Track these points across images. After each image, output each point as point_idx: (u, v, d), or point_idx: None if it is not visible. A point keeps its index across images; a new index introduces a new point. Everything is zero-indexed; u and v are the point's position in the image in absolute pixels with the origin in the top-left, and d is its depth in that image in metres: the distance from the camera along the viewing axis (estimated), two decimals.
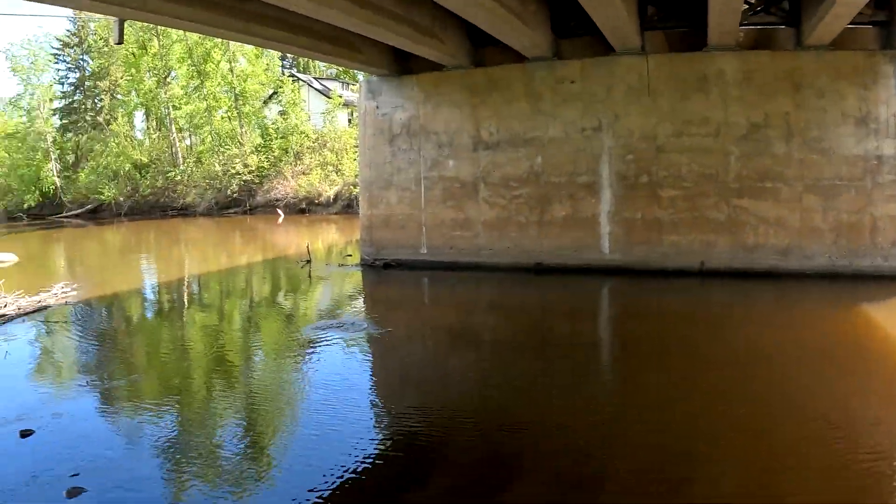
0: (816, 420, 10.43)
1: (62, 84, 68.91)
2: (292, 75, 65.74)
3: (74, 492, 8.53)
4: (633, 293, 21.33)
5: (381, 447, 10.20)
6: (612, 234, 22.99)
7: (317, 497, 8.60)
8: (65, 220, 55.92)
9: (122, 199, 58.51)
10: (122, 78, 64.02)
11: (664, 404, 11.61)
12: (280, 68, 71.09)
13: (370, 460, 9.64)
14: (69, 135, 66.60)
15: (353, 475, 9.18)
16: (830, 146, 20.26)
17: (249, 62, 60.69)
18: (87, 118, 65.62)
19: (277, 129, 57.66)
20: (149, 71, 61.07)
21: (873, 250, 19.73)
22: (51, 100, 67.12)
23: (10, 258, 30.56)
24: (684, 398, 11.89)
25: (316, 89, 64.77)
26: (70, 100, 68.62)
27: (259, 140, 57.19)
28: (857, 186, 19.97)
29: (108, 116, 64.93)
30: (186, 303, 22.17)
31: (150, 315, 20.62)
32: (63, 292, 20.79)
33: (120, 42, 24.22)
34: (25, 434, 10.27)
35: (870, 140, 19.80)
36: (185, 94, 60.33)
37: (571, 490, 8.79)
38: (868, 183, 19.76)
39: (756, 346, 14.37)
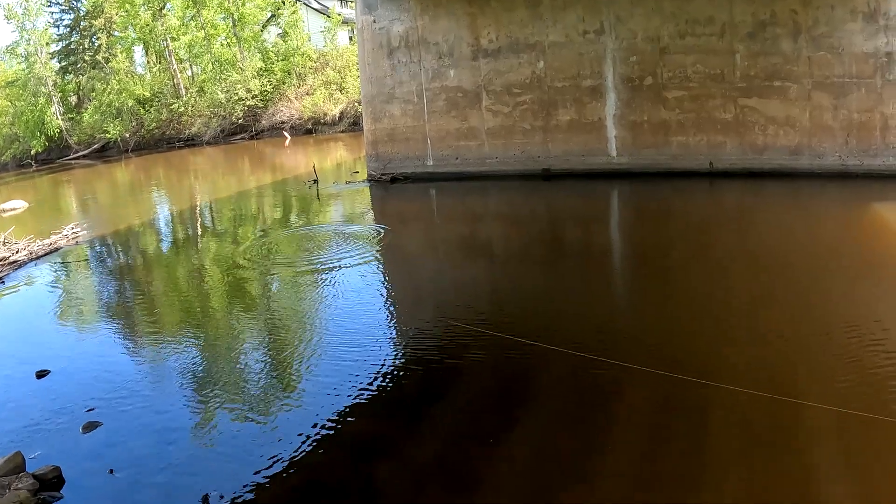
0: (831, 321, 10.37)
1: (57, 27, 67.87)
2: None
3: (90, 426, 8.63)
4: (643, 196, 21.18)
5: (399, 363, 10.27)
6: (618, 138, 22.80)
7: (338, 415, 8.71)
8: (73, 162, 55.81)
9: (127, 135, 58.15)
10: (116, 14, 63.04)
11: (679, 308, 11.61)
12: None
13: (389, 377, 9.72)
14: (69, 77, 65.90)
15: (373, 392, 9.29)
16: (839, 43, 19.65)
17: None
18: (86, 58, 64.76)
19: (278, 51, 56.96)
20: (143, 4, 60.12)
21: (885, 149, 19.35)
22: (47, 44, 66.19)
23: (20, 205, 30.62)
24: (699, 298, 11.87)
25: (314, 9, 63.74)
26: (67, 41, 67.68)
27: (260, 64, 56.49)
28: (867, 84, 19.44)
29: (106, 54, 64.06)
30: (199, 231, 22.20)
31: (163, 247, 20.65)
32: (74, 233, 20.81)
33: None
34: (41, 374, 10.38)
35: (879, 37, 19.18)
36: (183, 25, 59.40)
37: (584, 406, 8.80)
38: (878, 81, 19.25)
39: (769, 248, 14.25)
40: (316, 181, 27.28)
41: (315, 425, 8.45)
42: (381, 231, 18.52)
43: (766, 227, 16.00)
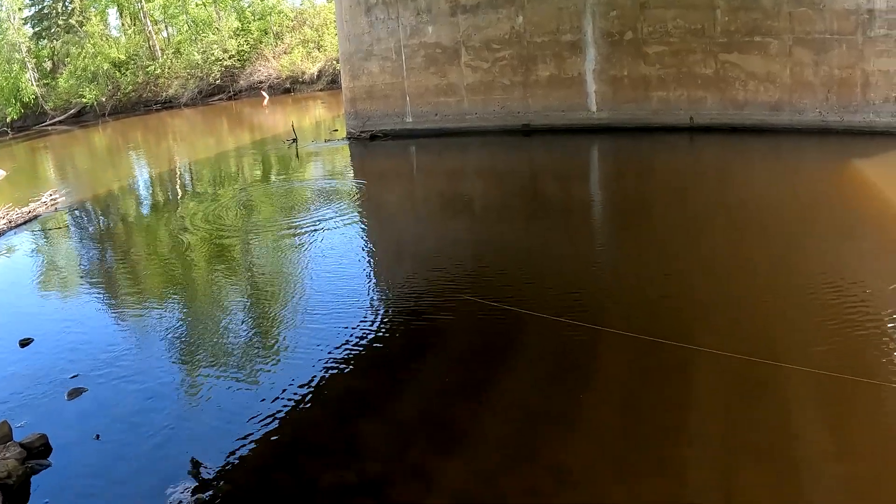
0: (809, 276, 10.44)
1: None
2: None
3: (75, 393, 8.65)
4: (623, 151, 21.22)
5: (380, 322, 10.32)
6: (598, 93, 22.81)
7: (322, 374, 8.79)
8: (49, 128, 55.27)
9: (104, 99, 57.56)
10: None
11: (658, 261, 11.67)
12: None
13: (371, 335, 9.78)
14: (43, 42, 65.08)
15: (356, 350, 9.36)
16: None
17: None
18: (60, 22, 63.93)
19: (254, 11, 56.41)
20: None
21: (865, 106, 19.32)
22: (20, 9, 65.30)
23: None
24: (680, 256, 11.92)
25: None
26: (39, 6, 66.69)
27: (237, 24, 55.91)
28: (848, 41, 19.31)
29: (80, 18, 63.22)
30: (179, 193, 22.11)
31: (143, 210, 20.56)
32: (52, 200, 20.66)
33: None
34: (25, 343, 10.37)
35: None
36: None
37: (566, 363, 8.87)
38: (859, 37, 19.14)
39: (749, 204, 14.29)
40: (295, 140, 27.18)
41: (299, 385, 8.52)
42: (361, 188, 18.53)
43: (747, 183, 16.05)
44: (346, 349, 9.36)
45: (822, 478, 6.31)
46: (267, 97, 49.40)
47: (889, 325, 8.64)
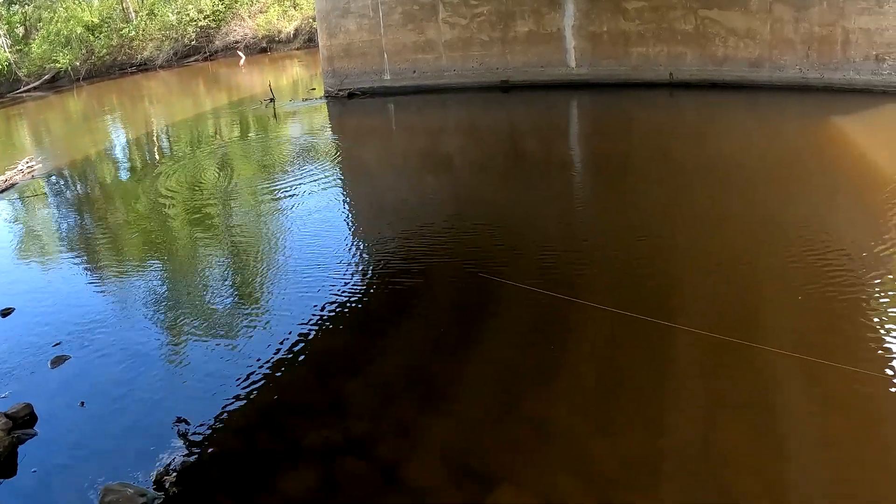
0: (789, 236, 10.50)
1: None
2: None
3: (58, 361, 8.66)
4: (603, 107, 21.21)
5: (361, 281, 10.37)
6: (578, 49, 22.72)
7: (305, 334, 8.86)
8: (24, 94, 54.44)
9: (78, 64, 56.67)
10: None
11: (636, 220, 11.73)
12: None
13: (352, 295, 9.84)
14: (14, 7, 63.90)
15: (338, 310, 9.42)
16: None
17: None
18: None
19: None
20: None
21: (845, 63, 19.25)
22: None
23: None
24: (658, 214, 11.97)
25: None
26: None
27: None
28: None
29: None
30: (157, 157, 21.92)
31: (121, 175, 20.38)
32: (29, 167, 20.46)
33: None
34: (6, 312, 10.36)
35: None
36: None
37: (545, 323, 8.93)
38: None
39: (728, 160, 14.34)
40: (272, 100, 27.01)
41: (282, 346, 8.58)
42: (341, 147, 18.48)
43: (726, 139, 16.11)
44: (327, 309, 9.41)
45: (798, 431, 6.43)
46: (243, 57, 48.82)
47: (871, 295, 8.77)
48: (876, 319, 7.84)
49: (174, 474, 6.42)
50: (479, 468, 6.30)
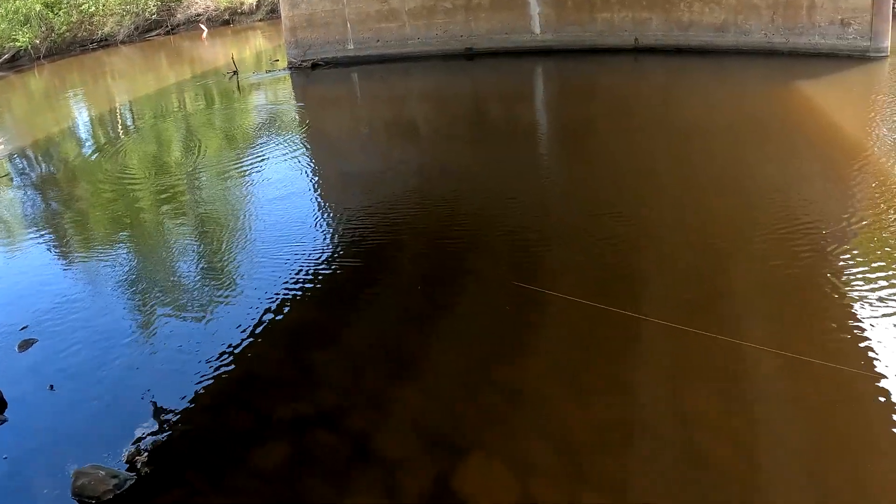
0: (757, 193, 10.59)
1: None
2: None
3: (25, 344, 8.58)
4: (568, 73, 21.22)
5: (330, 253, 10.38)
6: (542, 14, 22.68)
7: (274, 308, 8.85)
8: None
9: (38, 42, 55.82)
10: None
11: (602, 185, 11.79)
12: None
13: (321, 267, 9.86)
14: None
15: (307, 283, 9.44)
16: None
17: None
18: None
19: None
20: None
21: (811, 28, 19.28)
22: None
23: None
24: (624, 178, 12.03)
25: None
26: None
27: None
28: None
29: None
30: (121, 134, 21.66)
31: (86, 153, 20.11)
32: None
33: None
34: None
35: None
36: None
37: (514, 292, 8.97)
38: None
39: (695, 124, 14.39)
40: (236, 72, 26.75)
41: (251, 320, 8.58)
42: (306, 118, 18.36)
43: (692, 104, 16.18)
44: (296, 283, 9.40)
45: (766, 394, 6.52)
46: (205, 30, 48.27)
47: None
48: (844, 295, 7.96)
49: (145, 454, 6.42)
50: (450, 437, 6.35)
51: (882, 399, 6.19)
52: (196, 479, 6.18)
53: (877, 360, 6.63)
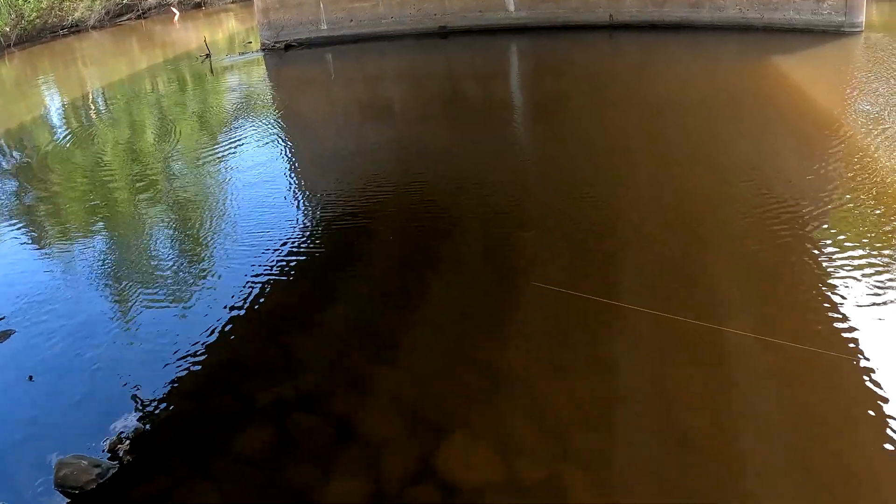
0: (732, 168, 10.63)
1: None
2: None
3: (4, 335, 8.52)
4: (543, 51, 21.22)
5: (307, 236, 10.36)
6: None
7: (253, 293, 8.83)
8: None
9: (8, 29, 55.18)
10: None
11: (579, 163, 11.80)
12: None
13: (299, 250, 9.84)
14: None
15: (285, 266, 9.43)
16: None
17: None
18: None
19: None
20: None
21: (785, 4, 19.33)
22: None
23: None
24: (599, 156, 12.05)
25: None
26: None
27: None
28: None
29: None
30: (94, 120, 21.47)
31: (59, 141, 19.90)
32: None
33: None
34: None
35: None
36: None
37: (492, 270, 8.99)
38: None
39: (670, 100, 14.41)
40: (209, 55, 26.54)
41: (230, 305, 8.56)
42: (280, 100, 18.29)
43: (666, 80, 16.20)
44: (275, 267, 9.38)
45: (748, 368, 6.56)
46: (177, 13, 47.83)
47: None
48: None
49: (127, 442, 6.39)
50: (433, 417, 6.37)
51: (858, 376, 6.27)
52: (179, 466, 6.16)
53: (853, 339, 6.73)
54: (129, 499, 5.84)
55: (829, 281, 7.71)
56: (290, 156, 14.32)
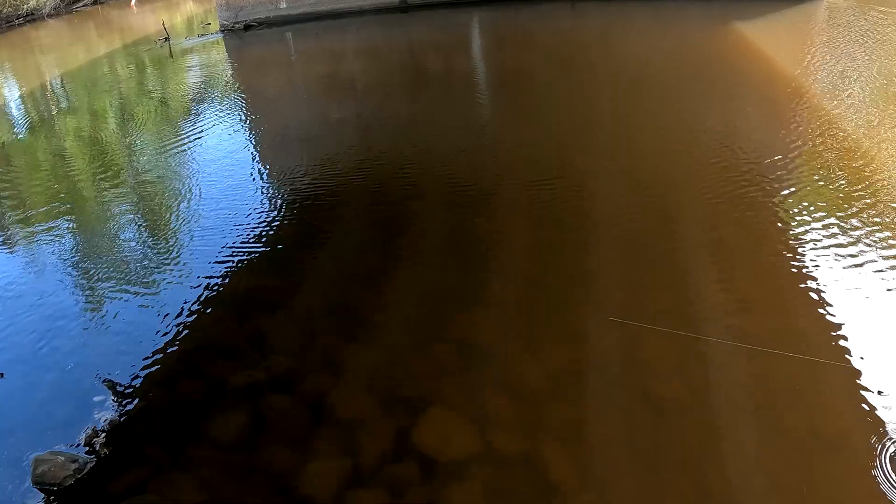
0: (702, 133, 10.68)
1: None
2: None
3: None
4: (505, 22, 21.15)
5: (273, 217, 10.32)
6: None
7: (221, 277, 8.83)
8: None
9: None
10: None
11: (543, 132, 11.80)
12: None
13: (265, 232, 9.81)
14: None
15: (252, 249, 9.40)
16: None
17: None
18: None
19: None
20: None
21: None
22: None
23: None
24: (563, 125, 12.07)
25: None
26: None
27: None
28: None
29: None
30: (53, 108, 21.21)
31: (17, 131, 19.68)
32: None
33: None
34: None
35: None
36: None
37: (461, 245, 8.99)
38: None
39: (636, 70, 14.44)
40: (167, 38, 26.31)
41: (199, 288, 8.57)
42: (241, 81, 18.14)
43: (631, 50, 16.22)
44: (241, 250, 9.37)
45: (721, 334, 6.63)
46: None
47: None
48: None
49: (103, 435, 6.37)
50: (407, 394, 6.39)
51: (828, 341, 6.37)
52: (156, 455, 6.15)
53: (830, 313, 6.80)
54: (108, 492, 5.81)
55: (802, 254, 7.81)
56: (252, 137, 14.23)
